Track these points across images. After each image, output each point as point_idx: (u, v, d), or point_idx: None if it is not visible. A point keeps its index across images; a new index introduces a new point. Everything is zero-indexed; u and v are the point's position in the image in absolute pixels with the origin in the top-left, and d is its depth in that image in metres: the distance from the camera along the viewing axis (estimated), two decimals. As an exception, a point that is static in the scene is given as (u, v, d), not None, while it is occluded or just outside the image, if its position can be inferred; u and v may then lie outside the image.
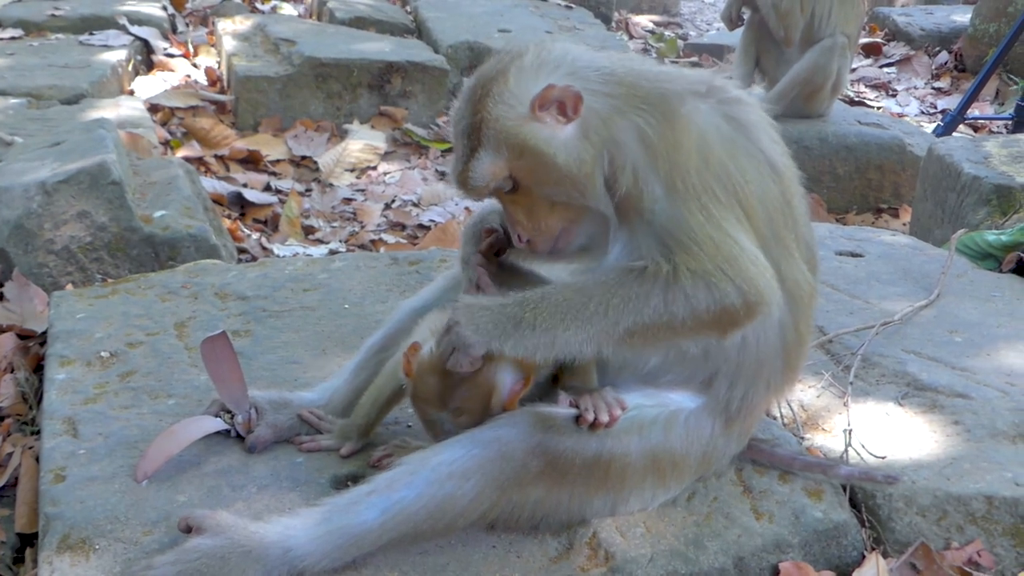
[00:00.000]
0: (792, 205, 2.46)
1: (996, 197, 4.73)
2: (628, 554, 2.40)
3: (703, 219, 2.28)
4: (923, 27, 10.46)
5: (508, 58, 2.40)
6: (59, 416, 2.80)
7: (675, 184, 2.29)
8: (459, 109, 2.42)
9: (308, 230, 5.61)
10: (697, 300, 2.26)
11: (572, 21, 8.75)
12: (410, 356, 2.44)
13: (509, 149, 2.32)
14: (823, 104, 6.89)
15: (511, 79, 2.34)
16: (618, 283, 2.28)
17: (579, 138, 2.32)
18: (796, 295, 2.46)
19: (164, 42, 7.82)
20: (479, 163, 2.34)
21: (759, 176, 2.37)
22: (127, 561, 2.27)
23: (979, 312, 3.72)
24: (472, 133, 2.35)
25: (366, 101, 6.97)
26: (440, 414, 2.41)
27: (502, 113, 2.32)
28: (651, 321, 2.27)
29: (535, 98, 2.30)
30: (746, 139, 2.38)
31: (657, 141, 2.30)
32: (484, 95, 2.34)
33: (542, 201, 2.40)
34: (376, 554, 2.30)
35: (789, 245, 2.44)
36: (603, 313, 2.25)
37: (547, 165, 2.32)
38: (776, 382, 2.56)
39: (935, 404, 3.07)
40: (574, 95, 2.29)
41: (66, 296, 3.54)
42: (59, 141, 4.63)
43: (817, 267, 2.60)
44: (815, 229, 4.47)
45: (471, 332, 2.27)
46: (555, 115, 2.31)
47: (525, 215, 2.42)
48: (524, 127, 2.31)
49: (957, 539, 2.66)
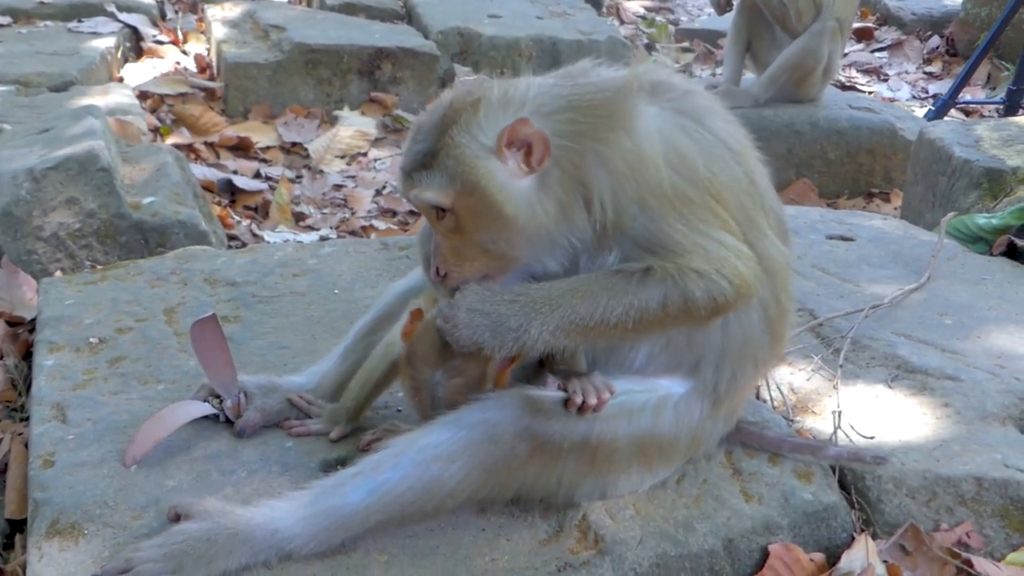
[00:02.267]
0: (755, 183, 2.48)
1: (987, 180, 4.73)
2: (618, 536, 2.40)
3: (684, 228, 2.31)
4: (915, 11, 10.44)
5: (480, 90, 2.36)
6: (48, 402, 2.79)
7: (648, 202, 2.30)
8: (424, 125, 2.35)
9: (298, 216, 5.60)
10: (697, 298, 2.30)
11: (562, 7, 8.72)
12: (413, 320, 2.42)
13: (462, 183, 2.27)
14: (814, 89, 6.87)
15: (481, 112, 2.31)
16: (623, 289, 2.29)
17: (535, 190, 2.29)
18: (773, 270, 2.48)
19: (153, 29, 7.79)
20: (427, 182, 2.29)
21: (723, 164, 2.38)
22: (116, 546, 2.27)
23: (969, 295, 3.72)
24: (432, 154, 2.30)
25: (356, 87, 6.95)
26: (434, 375, 2.40)
27: (465, 143, 2.28)
28: (649, 320, 2.31)
29: (504, 131, 2.26)
30: (702, 129, 2.38)
31: (620, 164, 2.29)
32: (452, 121, 2.30)
33: (474, 244, 2.34)
34: (365, 537, 2.30)
35: (760, 223, 2.46)
36: (606, 321, 2.29)
37: (492, 211, 2.27)
38: (764, 356, 2.58)
39: (925, 386, 3.08)
40: (543, 140, 2.25)
41: (55, 283, 3.53)
42: (47, 128, 4.61)
43: (787, 234, 2.62)
44: (807, 213, 4.53)
45: (467, 332, 2.26)
46: (519, 160, 2.28)
47: (451, 251, 2.36)
48: (483, 165, 2.27)
49: (947, 520, 2.67)
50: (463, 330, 2.26)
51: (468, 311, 2.27)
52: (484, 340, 2.27)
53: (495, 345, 2.27)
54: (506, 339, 2.27)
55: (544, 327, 2.27)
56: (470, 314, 2.27)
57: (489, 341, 2.27)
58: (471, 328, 2.26)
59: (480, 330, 2.26)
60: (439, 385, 2.40)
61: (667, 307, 2.30)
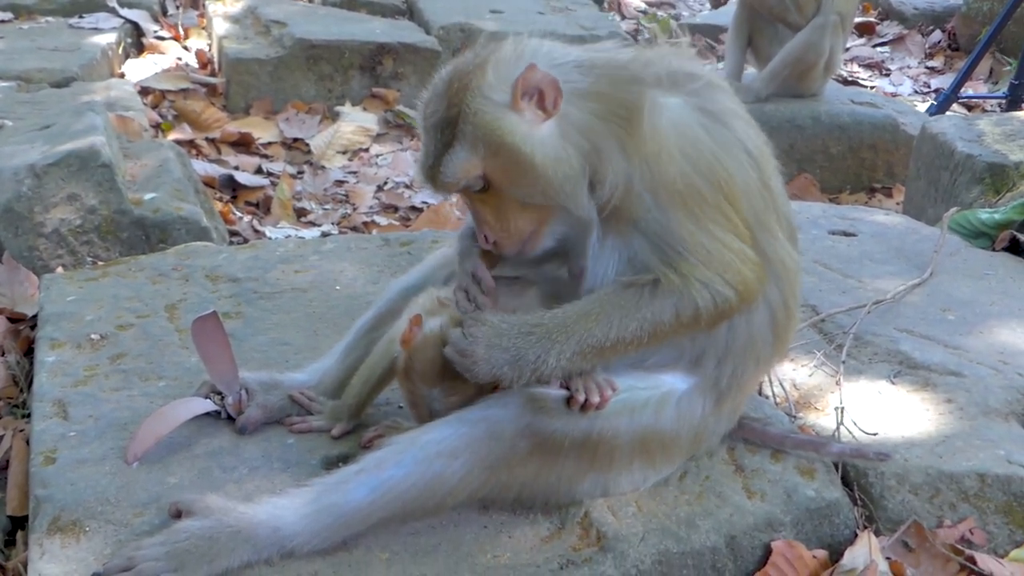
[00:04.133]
0: (770, 187, 2.46)
1: (989, 175, 4.72)
2: (620, 533, 2.40)
3: (693, 226, 2.30)
4: (916, 6, 10.42)
5: (486, 52, 2.36)
6: (49, 398, 2.79)
7: (660, 193, 2.29)
8: (432, 102, 2.35)
9: (300, 212, 5.59)
10: (702, 308, 2.32)
11: (564, 2, 8.70)
12: (413, 327, 2.41)
13: (486, 146, 2.27)
14: (816, 83, 6.86)
15: (489, 71, 2.30)
16: (635, 306, 2.31)
17: (558, 137, 2.29)
18: (783, 273, 2.49)
19: (154, 25, 7.77)
20: (452, 159, 2.29)
21: (739, 166, 2.37)
22: (118, 543, 2.27)
23: (972, 290, 3.72)
24: (447, 127, 2.29)
25: (358, 83, 6.94)
26: (431, 391, 2.40)
27: (480, 107, 2.27)
28: (662, 332, 2.34)
29: (517, 80, 2.25)
30: (723, 129, 2.37)
31: (638, 152, 2.28)
32: (462, 88, 2.29)
33: (513, 202, 2.35)
34: (367, 535, 2.30)
35: (772, 227, 2.45)
36: (622, 339, 2.31)
37: (523, 165, 2.27)
38: (766, 356, 2.57)
39: (928, 382, 3.07)
40: (553, 84, 2.24)
41: (56, 279, 3.53)
42: (49, 124, 4.61)
43: (797, 238, 2.62)
44: (808, 209, 4.52)
45: (485, 367, 2.27)
46: (534, 108, 2.27)
47: (494, 216, 2.37)
48: (503, 121, 2.26)
49: (950, 517, 2.66)
50: (482, 365, 2.27)
51: (487, 347, 2.27)
52: (503, 374, 2.28)
53: (514, 377, 2.28)
54: (524, 371, 2.28)
55: (561, 355, 2.28)
56: (489, 350, 2.27)
57: (508, 374, 2.28)
58: (490, 364, 2.27)
59: (499, 364, 2.27)
60: (436, 401, 2.40)
61: (679, 318, 2.32)
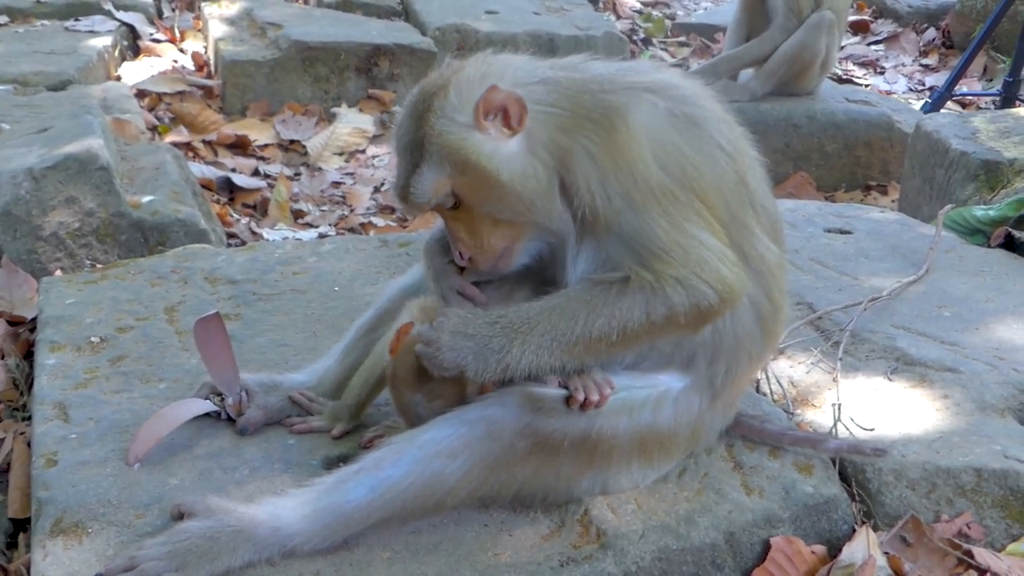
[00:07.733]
0: (746, 183, 2.46)
1: (984, 172, 4.73)
2: (620, 531, 2.41)
3: (667, 225, 2.30)
4: (911, 4, 10.43)
5: (449, 72, 2.38)
6: (50, 401, 2.80)
7: (633, 195, 2.30)
8: (402, 123, 2.39)
9: (297, 214, 5.60)
10: (677, 306, 2.31)
11: (559, 2, 8.72)
12: (401, 335, 2.42)
13: (452, 165, 2.29)
14: (812, 82, 6.88)
15: (451, 92, 2.32)
16: (602, 301, 2.30)
17: (525, 153, 2.31)
18: (762, 269, 2.49)
19: (150, 27, 7.79)
20: (421, 179, 2.32)
21: (712, 163, 2.37)
22: (120, 544, 2.27)
23: (968, 287, 3.73)
24: (415, 149, 2.32)
25: (354, 84, 6.95)
26: (415, 396, 2.41)
27: (444, 127, 2.29)
28: (634, 332, 2.32)
29: (478, 102, 2.26)
30: (695, 129, 2.37)
31: (609, 157, 2.29)
32: (426, 110, 2.31)
33: (485, 218, 2.36)
34: (368, 534, 2.31)
35: (749, 223, 2.46)
36: (588, 336, 2.30)
37: (490, 181, 2.29)
38: (757, 351, 2.58)
39: (924, 378, 3.08)
40: (517, 101, 2.26)
41: (55, 282, 3.53)
42: (46, 127, 4.61)
43: (782, 233, 2.62)
44: (804, 207, 4.53)
45: (450, 355, 2.27)
46: (499, 126, 2.28)
47: (467, 232, 2.39)
48: (467, 141, 2.28)
49: (947, 512, 2.68)
50: (447, 353, 2.27)
51: (452, 334, 2.28)
52: (467, 363, 2.28)
53: (478, 367, 2.28)
54: (489, 361, 2.28)
55: (526, 346, 2.28)
56: (454, 337, 2.27)
57: (472, 364, 2.28)
58: (455, 351, 2.27)
59: (463, 352, 2.27)
60: (420, 406, 2.41)
61: (651, 317, 2.30)
